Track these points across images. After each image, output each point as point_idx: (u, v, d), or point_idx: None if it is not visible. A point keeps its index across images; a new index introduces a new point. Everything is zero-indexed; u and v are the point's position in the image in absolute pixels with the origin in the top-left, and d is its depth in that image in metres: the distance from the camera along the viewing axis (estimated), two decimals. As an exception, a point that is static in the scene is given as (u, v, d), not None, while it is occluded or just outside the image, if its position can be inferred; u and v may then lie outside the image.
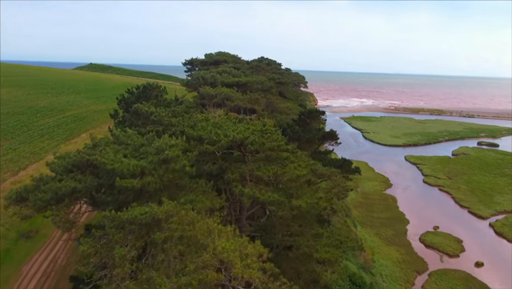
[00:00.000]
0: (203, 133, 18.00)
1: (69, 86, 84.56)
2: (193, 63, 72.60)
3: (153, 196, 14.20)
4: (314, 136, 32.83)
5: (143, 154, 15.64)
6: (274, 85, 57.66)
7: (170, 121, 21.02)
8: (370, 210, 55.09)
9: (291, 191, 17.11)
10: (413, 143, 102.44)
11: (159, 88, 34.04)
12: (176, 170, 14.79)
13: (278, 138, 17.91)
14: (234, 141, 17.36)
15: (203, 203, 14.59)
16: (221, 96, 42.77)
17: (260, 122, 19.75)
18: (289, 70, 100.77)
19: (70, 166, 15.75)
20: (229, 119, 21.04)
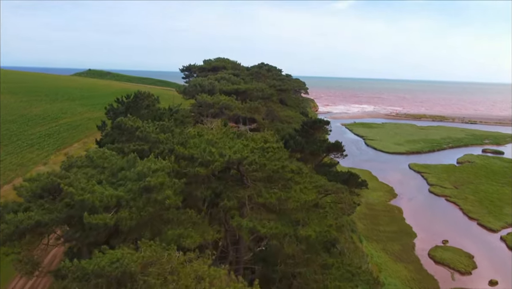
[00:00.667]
0: (195, 152, 15.79)
1: (64, 93, 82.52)
2: (191, 69, 70.52)
3: (133, 232, 12.04)
4: (319, 148, 30.74)
5: (121, 180, 13.44)
6: (274, 93, 55.52)
7: (158, 138, 18.72)
8: (375, 222, 52.74)
9: (297, 216, 14.92)
10: (417, 151, 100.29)
11: (151, 97, 31.93)
12: (159, 201, 12.62)
13: (282, 157, 15.74)
14: (230, 162, 15.19)
15: (193, 238, 12.42)
16: (219, 105, 40.60)
17: (261, 138, 17.56)
18: (289, 76, 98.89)
19: (39, 191, 13.59)
20: (226, 134, 18.82)
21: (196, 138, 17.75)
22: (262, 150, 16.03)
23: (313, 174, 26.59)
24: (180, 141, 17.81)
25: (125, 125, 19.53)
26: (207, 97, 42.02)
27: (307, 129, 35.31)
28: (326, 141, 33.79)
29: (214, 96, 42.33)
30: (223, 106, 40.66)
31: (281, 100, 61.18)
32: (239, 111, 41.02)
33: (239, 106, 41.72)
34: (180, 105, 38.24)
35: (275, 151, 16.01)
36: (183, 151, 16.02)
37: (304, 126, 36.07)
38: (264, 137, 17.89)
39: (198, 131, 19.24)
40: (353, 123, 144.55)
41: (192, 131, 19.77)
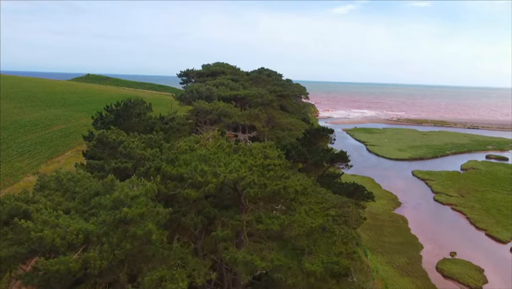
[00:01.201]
0: (185, 171, 13.92)
1: (59, 98, 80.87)
2: (188, 74, 68.52)
3: (105, 274, 10.14)
4: (322, 158, 28.91)
5: (95, 208, 11.54)
6: (275, 99, 53.57)
7: (143, 154, 16.75)
8: (380, 233, 50.74)
9: (302, 243, 13.03)
10: (420, 157, 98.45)
11: (143, 105, 30.13)
12: (139, 236, 10.69)
13: (284, 175, 13.91)
14: (226, 183, 13.33)
15: (176, 283, 10.42)
16: (217, 112, 38.66)
17: (261, 152, 15.70)
18: (290, 81, 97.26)
19: (5, 216, 11.76)
20: (221, 148, 16.94)
21: (188, 153, 15.85)
22: (262, 167, 14.16)
23: (317, 188, 24.76)
24: (168, 157, 15.85)
25: (106, 139, 17.58)
26: (205, 103, 40.00)
27: (310, 138, 33.49)
28: (330, 151, 31.95)
29: (212, 102, 40.31)
30: (221, 114, 38.65)
31: (282, 106, 59.09)
32: (238, 119, 38.97)
33: (238, 114, 39.68)
34: (176, 112, 36.39)
35: (276, 169, 14.14)
36: (171, 169, 14.12)
37: (307, 135, 34.25)
38: (264, 151, 15.99)
39: (190, 146, 17.29)
40: (354, 129, 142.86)
41: (183, 145, 17.82)
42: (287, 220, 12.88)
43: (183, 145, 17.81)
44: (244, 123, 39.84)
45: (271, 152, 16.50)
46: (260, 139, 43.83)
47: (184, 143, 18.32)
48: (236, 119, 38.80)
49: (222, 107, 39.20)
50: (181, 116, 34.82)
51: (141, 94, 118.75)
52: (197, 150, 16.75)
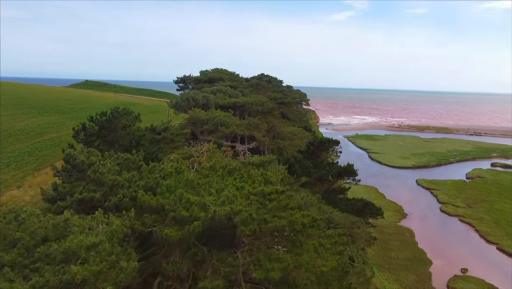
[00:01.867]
0: (168, 201, 11.52)
1: (54, 105, 78.59)
2: (185, 81, 66.11)
3: None
4: (328, 173, 26.61)
5: (40, 260, 9.04)
6: (275, 106, 51.12)
7: (116, 180, 14.18)
8: (386, 247, 48.20)
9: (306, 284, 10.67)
10: (423, 165, 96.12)
11: (131, 115, 27.81)
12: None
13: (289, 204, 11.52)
14: (217, 219, 10.91)
15: None
16: (214, 122, 36.20)
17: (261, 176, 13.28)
18: (290, 87, 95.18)
19: None
20: (214, 169, 14.55)
21: (173, 177, 13.39)
22: (262, 195, 11.74)
23: (323, 205, 22.34)
24: (148, 183, 13.35)
25: (74, 160, 15.13)
26: (201, 112, 37.46)
27: (314, 151, 31.23)
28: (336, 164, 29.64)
29: (209, 111, 37.86)
30: (218, 123, 36.18)
31: (283, 114, 56.67)
32: (236, 129, 36.44)
33: (237, 123, 37.17)
34: (170, 121, 33.99)
35: (280, 199, 11.73)
36: (149, 200, 11.63)
37: (310, 147, 31.94)
38: (265, 174, 13.58)
39: (176, 167, 14.79)
40: (355, 136, 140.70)
41: (167, 167, 15.28)
42: (292, 262, 10.47)
43: (168, 166, 15.26)
44: (243, 133, 37.25)
45: (272, 174, 14.11)
46: (260, 150, 41.45)
47: (168, 165, 15.72)
48: (234, 129, 36.19)
49: (219, 116, 36.61)
50: (175, 126, 32.47)
51: (138, 100, 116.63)
52: (184, 172, 14.23)
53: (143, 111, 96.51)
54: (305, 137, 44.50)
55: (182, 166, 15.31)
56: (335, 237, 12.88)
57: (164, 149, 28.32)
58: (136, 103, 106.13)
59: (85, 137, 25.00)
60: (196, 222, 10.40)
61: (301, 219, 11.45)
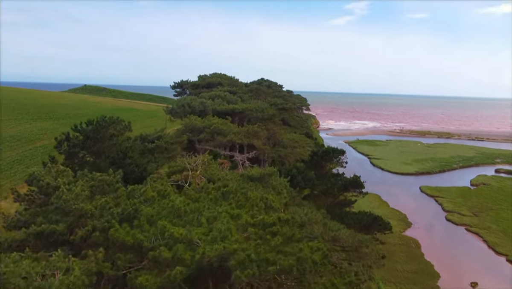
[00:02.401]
0: (146, 236, 9.50)
1: (49, 111, 76.86)
2: (183, 86, 64.10)
3: None
4: (333, 186, 24.80)
5: None
6: (276, 113, 49.09)
7: (83, 209, 11.75)
8: (391, 259, 46.12)
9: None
10: (427, 171, 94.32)
11: (120, 124, 25.85)
12: None
13: (295, 235, 9.58)
14: (206, 261, 8.93)
15: None
16: (211, 130, 34.20)
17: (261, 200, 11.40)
18: (290, 92, 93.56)
19: None
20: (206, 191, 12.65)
21: (156, 203, 11.36)
22: (263, 227, 9.79)
23: (328, 221, 20.49)
24: (125, 211, 11.21)
25: (38, 182, 13.23)
26: (197, 120, 35.39)
27: (318, 161, 29.45)
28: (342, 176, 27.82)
29: (205, 118, 35.84)
30: (215, 131, 34.13)
31: (283, 120, 54.75)
32: (234, 137, 34.29)
33: (235, 131, 35.06)
34: (164, 129, 32.16)
35: (284, 231, 9.72)
36: (123, 236, 9.55)
37: (314, 157, 30.13)
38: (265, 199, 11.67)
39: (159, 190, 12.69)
40: (356, 141, 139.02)
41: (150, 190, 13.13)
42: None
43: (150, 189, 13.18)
44: (242, 142, 35.15)
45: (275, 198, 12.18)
46: (260, 159, 39.56)
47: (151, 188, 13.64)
48: (232, 138, 34.11)
49: (216, 124, 34.45)
50: (170, 134, 30.63)
51: (137, 105, 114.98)
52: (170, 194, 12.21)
53: (141, 117, 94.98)
54: (307, 145, 42.61)
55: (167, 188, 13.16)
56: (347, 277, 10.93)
57: (157, 158, 26.53)
58: (134, 109, 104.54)
59: (68, 148, 23.17)
60: (179, 267, 8.44)
61: (311, 256, 9.48)
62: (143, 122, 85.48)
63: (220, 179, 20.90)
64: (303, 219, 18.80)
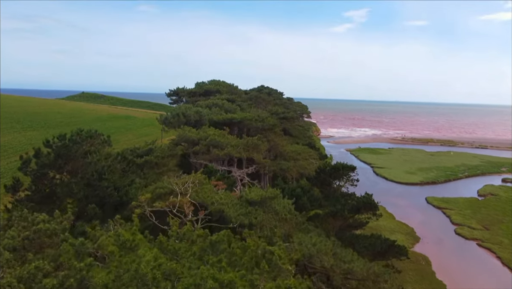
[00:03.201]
0: None
1: (41, 119, 74.25)
2: (179, 93, 61.16)
3: None
4: (343, 208, 22.02)
5: None
6: (277, 122, 45.93)
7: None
8: (401, 279, 43.01)
9: None
10: (432, 181, 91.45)
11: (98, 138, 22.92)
12: None
13: None
14: None
15: None
16: (207, 142, 31.10)
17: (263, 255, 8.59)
18: (291, 99, 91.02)
19: None
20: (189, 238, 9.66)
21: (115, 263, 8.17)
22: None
23: (339, 249, 17.65)
24: (64, 283, 7.71)
25: None
26: (191, 131, 32.23)
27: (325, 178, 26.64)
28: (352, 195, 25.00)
29: (201, 129, 32.75)
30: (211, 144, 30.95)
31: (285, 130, 51.66)
32: (232, 151, 30.95)
33: (233, 143, 31.75)
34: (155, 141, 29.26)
35: None
36: None
37: (321, 174, 27.28)
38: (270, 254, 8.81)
39: (124, 241, 9.12)
40: (358, 149, 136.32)
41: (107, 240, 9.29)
42: None
43: (106, 239, 9.68)
44: (240, 155, 31.92)
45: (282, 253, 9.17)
46: (260, 174, 36.55)
47: (107, 239, 10.10)
48: (230, 151, 30.87)
49: (212, 135, 31.09)
50: (162, 147, 27.72)
51: (133, 113, 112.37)
52: (139, 246, 8.89)
53: (137, 125, 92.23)
54: (310, 157, 39.79)
55: (135, 238, 9.66)
56: None
57: (147, 175, 23.72)
58: (130, 116, 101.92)
59: (37, 168, 20.31)
60: None
61: None
62: (138, 131, 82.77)
63: (213, 203, 18.27)
64: (311, 250, 16.11)
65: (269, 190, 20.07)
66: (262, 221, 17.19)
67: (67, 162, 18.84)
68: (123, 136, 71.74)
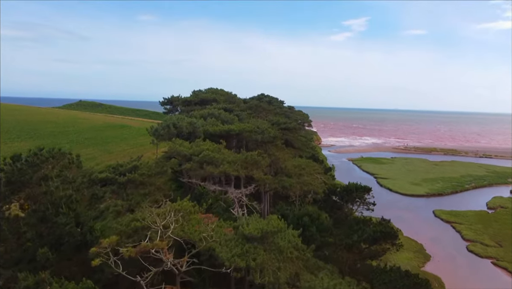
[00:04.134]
0: None
1: (32, 129, 71.13)
2: (173, 102, 57.65)
3: None
4: (360, 239, 18.79)
5: None
6: (279, 134, 42.24)
7: None
8: (414, 304, 39.67)
9: None
10: (438, 193, 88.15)
11: (63, 158, 19.43)
12: None
13: None
14: None
15: None
16: (200, 158, 27.40)
17: None
18: (292, 108, 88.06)
19: None
20: None
21: None
22: None
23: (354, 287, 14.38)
24: None
25: None
26: (183, 145, 28.59)
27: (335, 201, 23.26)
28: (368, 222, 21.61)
29: (194, 142, 29.04)
30: (204, 160, 27.22)
31: (287, 141, 48.04)
32: (229, 168, 27.08)
33: (230, 159, 27.67)
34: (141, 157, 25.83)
35: None
36: None
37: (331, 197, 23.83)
38: None
39: None
40: (360, 158, 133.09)
41: None
42: None
43: None
44: (238, 174, 28.02)
45: None
46: (260, 192, 32.94)
47: None
48: (226, 169, 27.44)
49: (207, 150, 27.74)
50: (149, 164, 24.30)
51: (129, 122, 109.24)
52: None
53: (132, 135, 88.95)
54: (315, 171, 36.39)
55: None
56: None
57: (131, 196, 20.44)
58: (126, 125, 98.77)
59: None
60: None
61: None
62: (133, 141, 79.55)
63: (202, 240, 14.99)
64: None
65: (271, 221, 16.71)
66: (262, 263, 14.04)
67: (21, 188, 15.52)
68: (117, 147, 68.53)
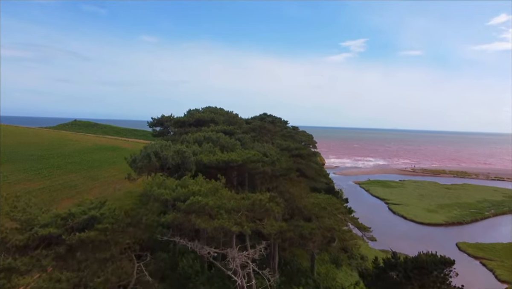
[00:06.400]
0: None
1: (11, 151, 64.33)
2: (163, 123, 50.39)
3: None
4: None
5: None
6: (292, 165, 34.06)
7: None
8: None
9: None
10: (457, 221, 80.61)
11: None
12: None
13: None
14: None
15: None
16: (186, 206, 18.66)
17: None
18: (296, 128, 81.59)
19: None
20: None
21: None
22: None
23: None
24: None
25: None
26: (164, 183, 19.84)
27: (395, 280, 16.32)
28: None
29: (181, 180, 20.48)
30: (193, 209, 18.04)
31: (298, 170, 40.38)
32: (227, 223, 17.99)
33: (229, 207, 19.24)
34: (105, 203, 18.47)
35: None
36: None
37: (388, 272, 17.00)
38: None
39: None
40: (367, 181, 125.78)
41: None
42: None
43: None
44: (242, 229, 17.73)
45: None
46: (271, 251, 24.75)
47: None
48: (224, 224, 17.79)
49: (197, 194, 18.86)
50: (116, 212, 16.82)
51: (122, 144, 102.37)
52: None
53: (122, 158, 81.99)
54: (338, 211, 29.23)
55: None
56: None
57: (82, 265, 13.34)
58: (118, 147, 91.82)
59: None
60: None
61: None
62: (124, 165, 72.62)
63: None
64: None
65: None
66: None
67: None
68: (103, 172, 61.39)
